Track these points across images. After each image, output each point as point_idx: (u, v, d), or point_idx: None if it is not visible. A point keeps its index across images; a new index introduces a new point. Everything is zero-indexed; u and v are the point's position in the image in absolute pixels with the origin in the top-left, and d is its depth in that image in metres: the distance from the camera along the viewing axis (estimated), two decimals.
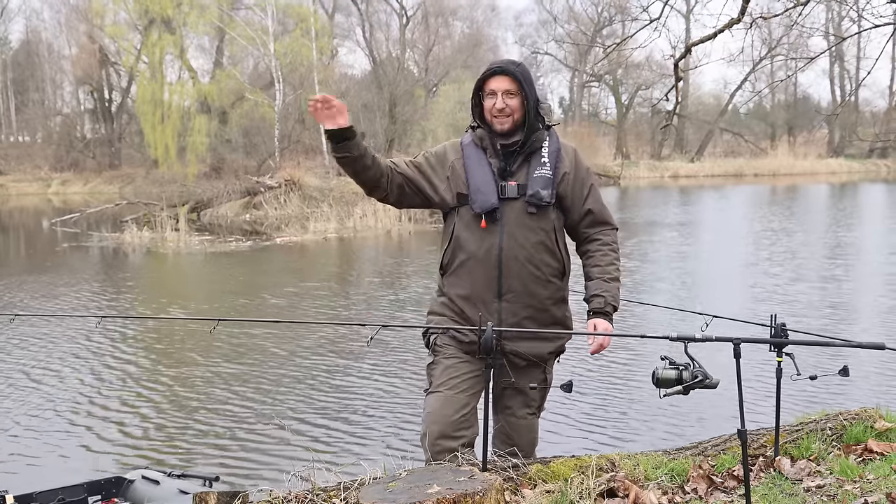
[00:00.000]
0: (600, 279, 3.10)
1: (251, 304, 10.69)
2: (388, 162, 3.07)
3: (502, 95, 2.98)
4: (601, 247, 3.15)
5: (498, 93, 2.98)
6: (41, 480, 4.55)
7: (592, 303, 3.08)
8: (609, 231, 3.18)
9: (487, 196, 2.98)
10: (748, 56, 33.59)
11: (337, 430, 5.79)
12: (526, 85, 2.98)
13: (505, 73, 2.98)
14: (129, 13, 38.73)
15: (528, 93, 2.98)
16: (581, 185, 3.10)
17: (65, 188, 40.51)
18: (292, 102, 36.31)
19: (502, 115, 2.99)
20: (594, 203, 3.13)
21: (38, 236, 22.64)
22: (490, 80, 3.01)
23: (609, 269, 3.11)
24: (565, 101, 58.47)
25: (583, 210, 3.12)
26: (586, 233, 3.17)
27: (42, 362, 7.83)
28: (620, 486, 2.79)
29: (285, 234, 19.76)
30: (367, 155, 2.96)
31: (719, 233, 19.39)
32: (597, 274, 3.11)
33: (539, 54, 52.72)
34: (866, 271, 12.65)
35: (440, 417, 2.99)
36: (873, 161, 48.03)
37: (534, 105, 3.01)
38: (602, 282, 3.09)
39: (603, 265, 3.12)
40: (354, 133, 2.91)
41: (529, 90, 2.99)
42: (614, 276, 3.11)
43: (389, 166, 3.05)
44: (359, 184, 3.08)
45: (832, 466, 3.04)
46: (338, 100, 2.87)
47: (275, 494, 2.57)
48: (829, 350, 6.81)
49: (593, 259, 3.14)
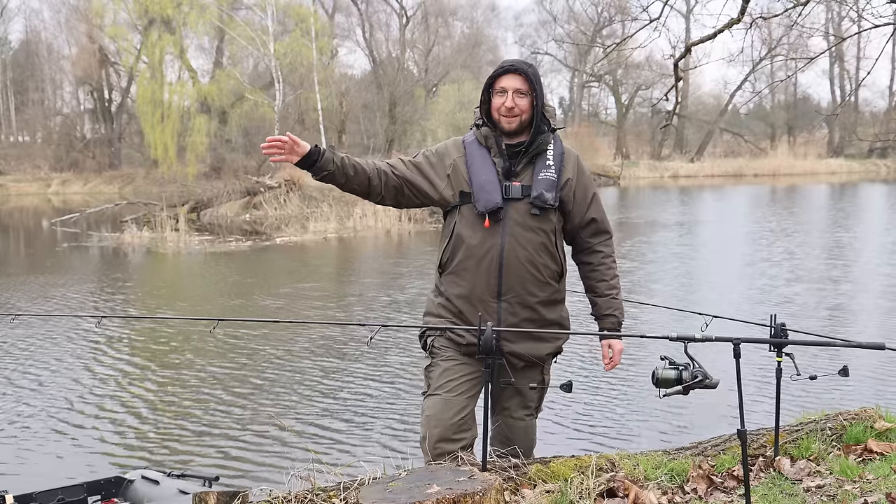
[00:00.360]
0: (609, 297, 3.15)
1: (251, 304, 10.69)
2: (385, 165, 3.06)
3: (513, 94, 2.96)
4: (604, 259, 3.18)
5: (509, 91, 2.96)
6: (41, 480, 4.56)
7: (605, 322, 3.15)
8: (608, 241, 3.22)
9: (492, 195, 2.96)
10: (748, 56, 33.54)
11: (336, 430, 5.79)
12: (537, 86, 2.98)
13: (517, 73, 2.97)
14: (128, 13, 38.74)
15: (538, 94, 2.98)
16: (584, 193, 3.10)
17: (64, 188, 40.51)
18: (292, 102, 36.31)
19: (510, 114, 2.97)
20: (597, 212, 3.15)
21: (38, 236, 22.63)
22: (502, 78, 2.99)
23: (614, 282, 3.17)
24: (565, 102, 58.53)
25: (586, 218, 3.12)
26: (588, 242, 3.18)
27: (41, 362, 7.82)
28: (620, 486, 2.79)
29: (285, 234, 19.76)
30: (345, 165, 2.95)
31: (719, 233, 19.40)
32: (605, 290, 3.15)
33: (539, 54, 52.78)
34: (866, 271, 12.65)
35: (439, 421, 2.99)
36: (873, 161, 48.04)
37: (541, 107, 3.01)
38: (611, 299, 3.15)
39: (608, 280, 3.16)
40: (319, 151, 2.90)
41: (539, 92, 2.99)
42: (619, 290, 3.19)
43: (384, 170, 3.03)
44: (350, 193, 3.08)
45: (832, 466, 3.04)
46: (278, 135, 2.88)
47: (274, 494, 2.57)
48: (828, 350, 6.82)
49: (599, 273, 3.17)
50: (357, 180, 2.99)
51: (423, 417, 3.06)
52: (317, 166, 2.89)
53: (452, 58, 45.12)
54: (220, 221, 22.60)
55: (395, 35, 46.35)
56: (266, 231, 20.41)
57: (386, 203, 3.12)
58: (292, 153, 2.85)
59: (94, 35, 42.52)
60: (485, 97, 3.04)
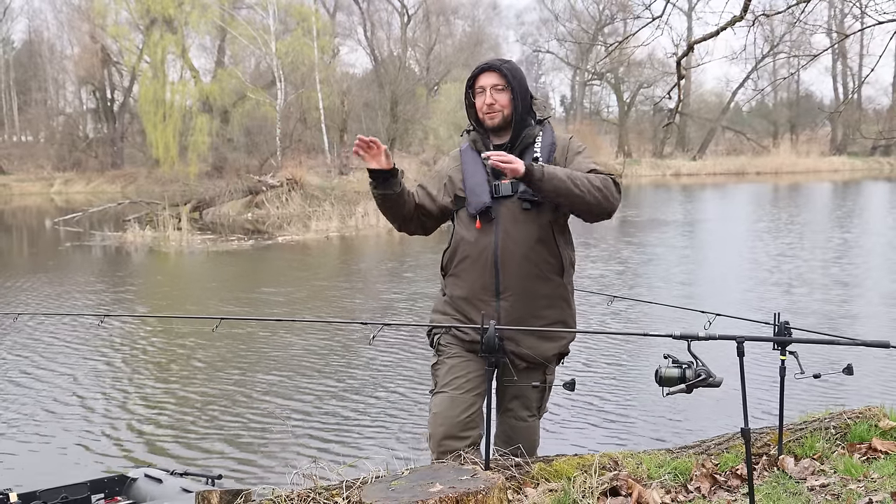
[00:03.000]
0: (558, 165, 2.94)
1: (253, 303, 10.70)
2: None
3: (490, 91, 3.01)
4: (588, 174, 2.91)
5: (486, 88, 3.02)
6: (44, 478, 4.56)
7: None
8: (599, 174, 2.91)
9: (480, 196, 3.00)
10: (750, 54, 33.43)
11: (338, 428, 5.79)
12: (513, 80, 3.00)
13: (491, 70, 3.03)
14: (130, 13, 38.79)
15: (514, 87, 2.99)
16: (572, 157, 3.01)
17: (67, 188, 40.54)
18: (294, 101, 36.31)
19: (491, 110, 3.02)
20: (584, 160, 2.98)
21: (41, 236, 22.66)
22: (478, 78, 3.05)
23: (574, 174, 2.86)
24: (567, 100, 58.50)
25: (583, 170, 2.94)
26: None
27: (44, 361, 7.83)
28: (623, 485, 2.78)
29: (287, 233, 19.77)
30: (405, 191, 3.05)
31: (721, 231, 19.37)
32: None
33: (541, 53, 52.78)
34: (870, 270, 12.63)
35: (446, 419, 2.99)
36: (876, 159, 47.94)
37: (522, 100, 3.02)
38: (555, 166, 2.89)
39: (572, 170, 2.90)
40: (397, 171, 2.99)
41: (517, 85, 3.00)
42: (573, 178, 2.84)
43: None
44: (393, 220, 3.15)
45: (836, 465, 3.03)
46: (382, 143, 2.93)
47: (277, 493, 2.56)
48: (832, 348, 6.77)
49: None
50: (406, 209, 3.09)
51: (431, 415, 3.06)
52: (392, 181, 2.98)
53: (454, 56, 45.05)
54: (223, 220, 22.62)
55: (397, 34, 46.33)
56: (268, 230, 20.41)
57: (418, 233, 3.23)
58: (374, 158, 2.94)
59: (96, 35, 42.53)
60: (468, 101, 3.10)
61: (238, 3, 39.27)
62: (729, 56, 14.05)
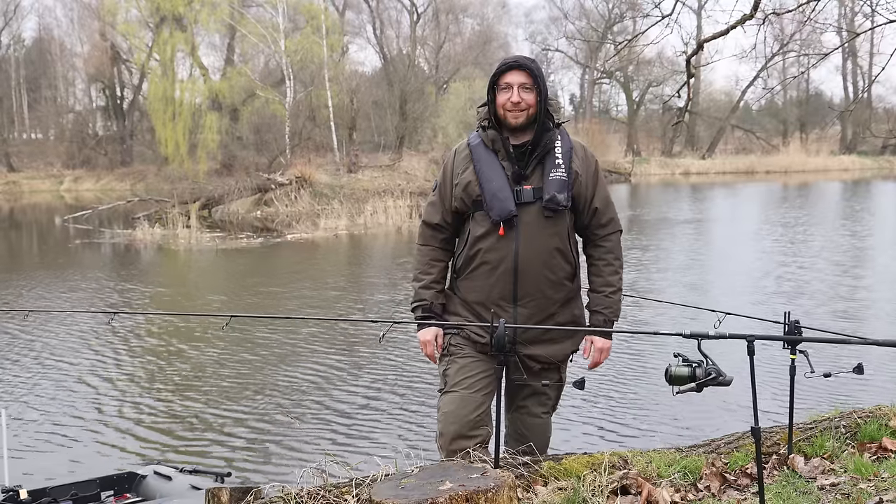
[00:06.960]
0: (602, 294, 3.11)
1: (263, 301, 10.72)
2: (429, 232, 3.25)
3: (518, 89, 2.95)
4: (605, 255, 3.13)
5: (514, 86, 2.95)
6: (54, 475, 4.58)
7: (593, 318, 3.12)
8: (613, 236, 3.14)
9: (505, 203, 2.93)
10: (760, 52, 33.28)
11: (349, 426, 5.80)
12: (541, 81, 2.97)
13: (521, 68, 2.96)
14: (140, 11, 38.83)
15: (542, 88, 2.96)
16: (593, 183, 3.08)
17: (77, 185, 40.70)
18: (303, 100, 36.34)
19: (517, 108, 2.95)
20: (600, 201, 3.09)
21: (51, 233, 22.76)
22: (506, 74, 2.97)
23: (612, 279, 3.11)
24: (576, 98, 58.41)
25: (591, 209, 3.09)
26: (595, 234, 3.14)
27: (54, 358, 7.87)
28: (633, 484, 2.78)
29: (296, 230, 19.79)
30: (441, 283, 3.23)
31: (731, 230, 19.31)
32: (599, 286, 3.12)
33: (550, 51, 52.55)
34: (880, 268, 12.57)
35: (456, 417, 2.99)
36: (886, 158, 47.71)
37: (545, 102, 2.98)
38: (604, 297, 3.10)
39: (605, 276, 3.11)
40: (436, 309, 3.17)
41: (543, 86, 2.98)
42: (617, 288, 3.12)
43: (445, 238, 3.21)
44: None
45: (846, 464, 3.02)
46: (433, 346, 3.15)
47: (287, 490, 2.57)
48: (843, 347, 6.76)
49: (597, 268, 3.14)
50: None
51: (440, 414, 3.07)
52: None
53: (463, 55, 45.01)
54: (232, 218, 22.67)
55: (406, 32, 46.30)
56: (277, 228, 20.45)
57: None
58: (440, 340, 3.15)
59: (106, 33, 42.68)
60: (490, 96, 3.02)
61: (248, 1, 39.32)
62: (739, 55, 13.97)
